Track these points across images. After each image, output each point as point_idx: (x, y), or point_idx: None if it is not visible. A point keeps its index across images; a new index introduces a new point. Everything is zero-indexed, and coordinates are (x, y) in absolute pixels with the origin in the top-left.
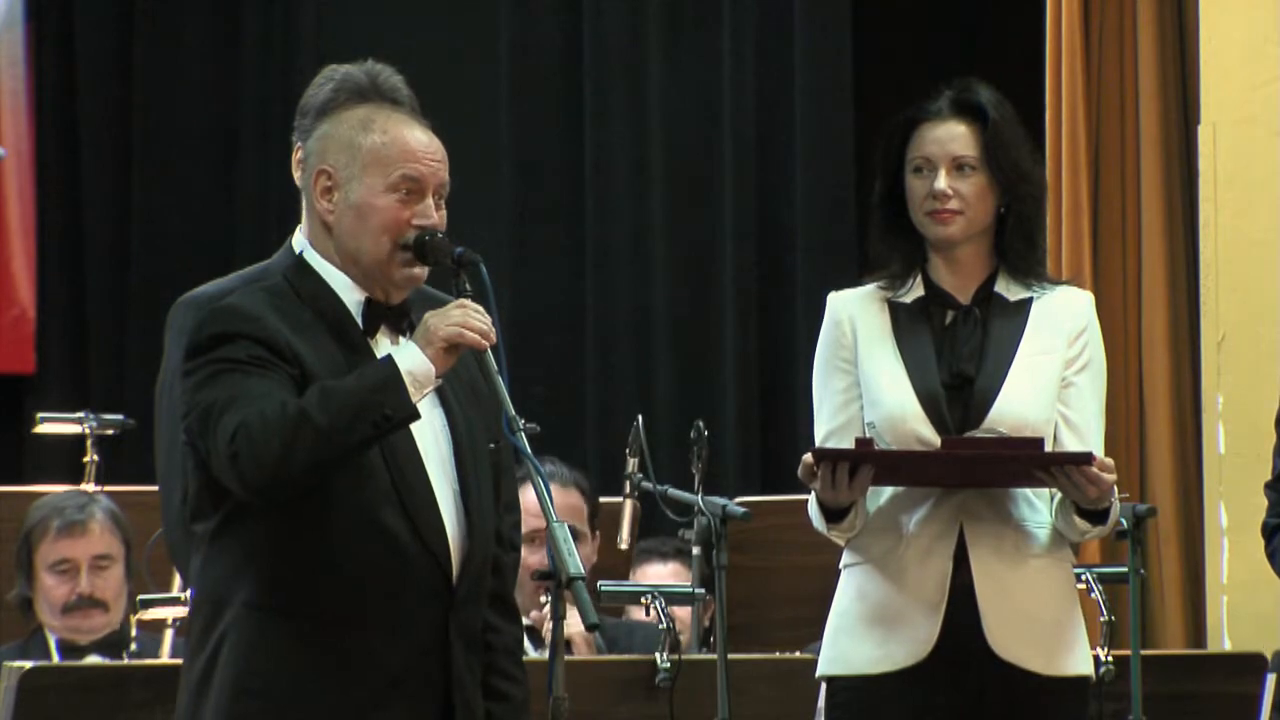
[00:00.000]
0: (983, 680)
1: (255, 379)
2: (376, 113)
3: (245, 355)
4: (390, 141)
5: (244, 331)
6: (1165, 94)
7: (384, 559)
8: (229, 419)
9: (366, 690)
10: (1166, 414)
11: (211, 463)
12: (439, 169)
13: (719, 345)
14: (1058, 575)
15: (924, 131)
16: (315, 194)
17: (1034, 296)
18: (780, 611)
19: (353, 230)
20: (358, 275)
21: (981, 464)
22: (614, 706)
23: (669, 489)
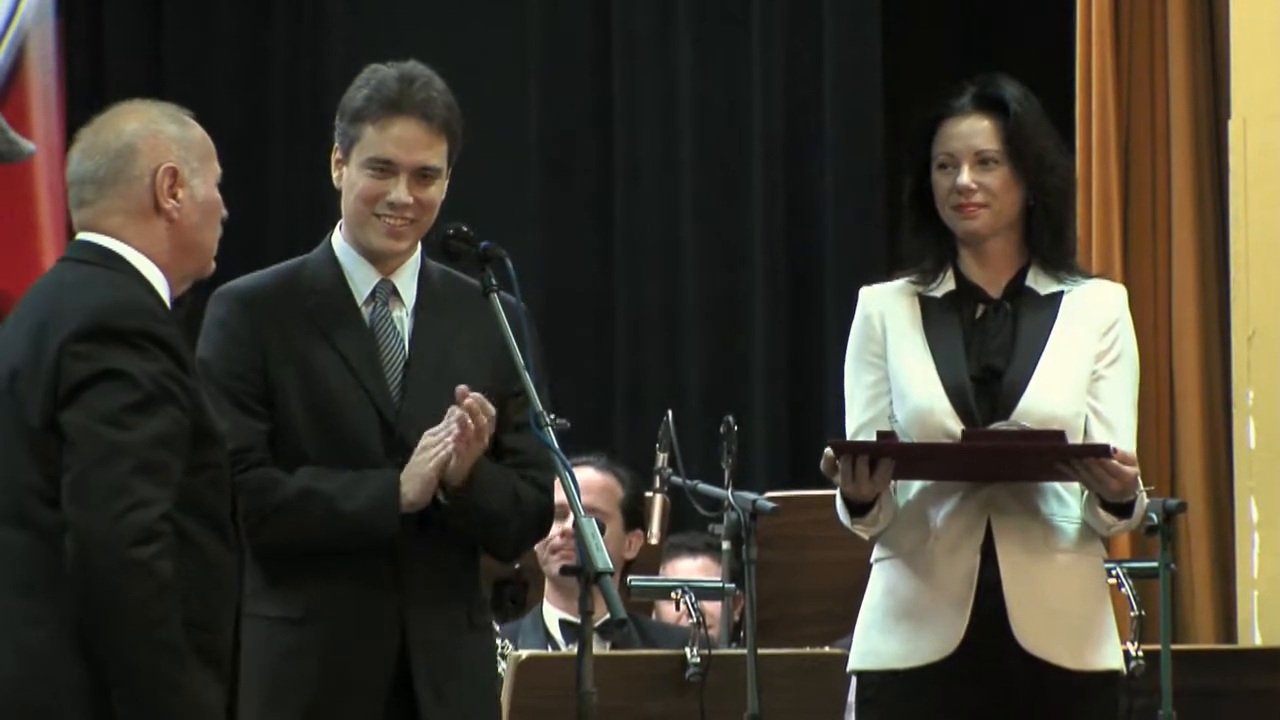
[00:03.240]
0: (1011, 675)
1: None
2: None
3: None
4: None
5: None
6: (1195, 88)
7: (227, 563)
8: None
9: (223, 684)
10: (1197, 409)
11: None
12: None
13: (748, 341)
14: (1087, 570)
15: (947, 127)
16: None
17: (1065, 290)
18: (809, 606)
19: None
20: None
21: (1001, 457)
22: (644, 701)
23: (699, 484)
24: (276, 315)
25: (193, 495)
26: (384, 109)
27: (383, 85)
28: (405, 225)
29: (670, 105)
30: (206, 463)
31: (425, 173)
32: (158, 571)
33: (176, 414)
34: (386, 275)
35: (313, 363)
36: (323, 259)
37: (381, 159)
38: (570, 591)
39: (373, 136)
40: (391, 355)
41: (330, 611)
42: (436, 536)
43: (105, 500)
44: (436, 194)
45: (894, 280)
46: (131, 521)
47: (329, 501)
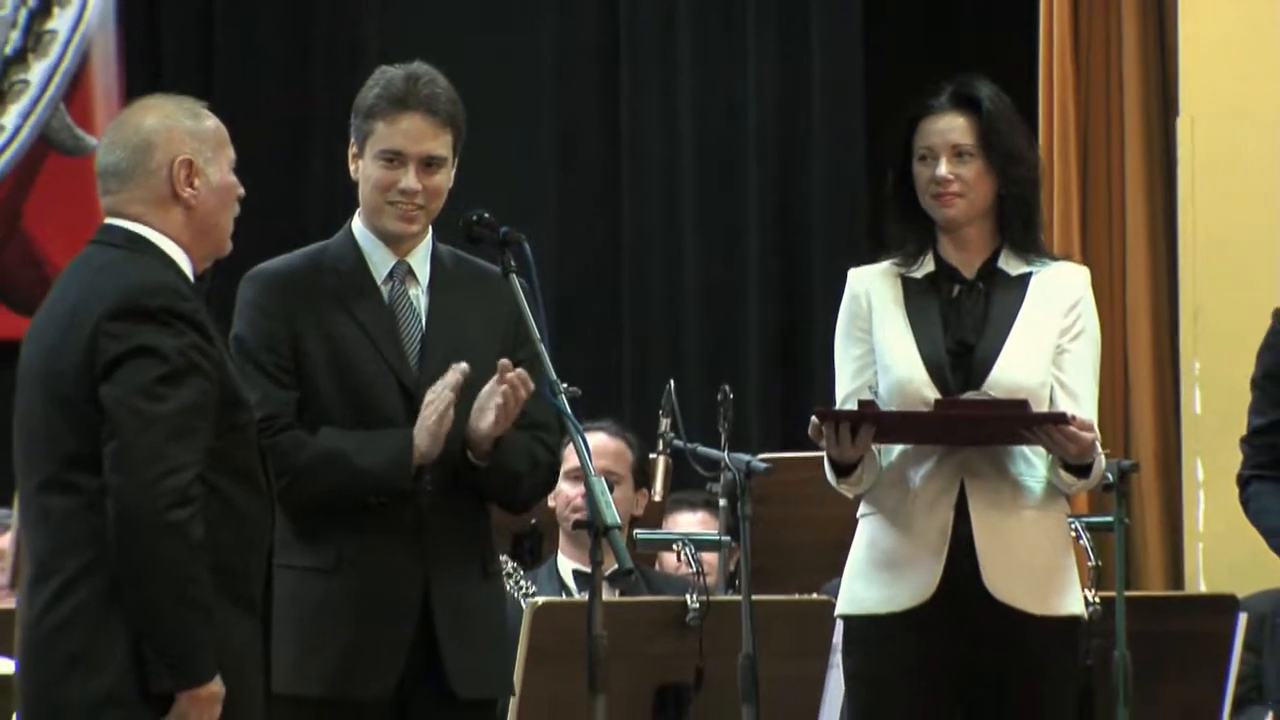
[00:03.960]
0: (982, 620)
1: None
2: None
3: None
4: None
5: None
6: (1147, 88)
7: (258, 514)
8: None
9: (251, 622)
10: (1148, 379)
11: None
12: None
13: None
14: (1051, 525)
15: (927, 124)
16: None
17: (1033, 271)
18: (798, 557)
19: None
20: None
21: (970, 423)
22: (648, 643)
23: (698, 446)
24: (303, 293)
25: (224, 455)
26: (392, 105)
27: (390, 84)
28: (416, 210)
29: (672, 105)
30: (235, 424)
31: (431, 162)
32: (190, 533)
33: (203, 384)
34: (402, 257)
35: (337, 336)
36: (344, 243)
37: (391, 150)
38: (582, 544)
39: (383, 131)
40: (409, 329)
41: (359, 562)
42: (454, 493)
43: (143, 467)
44: (443, 181)
45: (879, 262)
46: (167, 486)
47: (349, 459)
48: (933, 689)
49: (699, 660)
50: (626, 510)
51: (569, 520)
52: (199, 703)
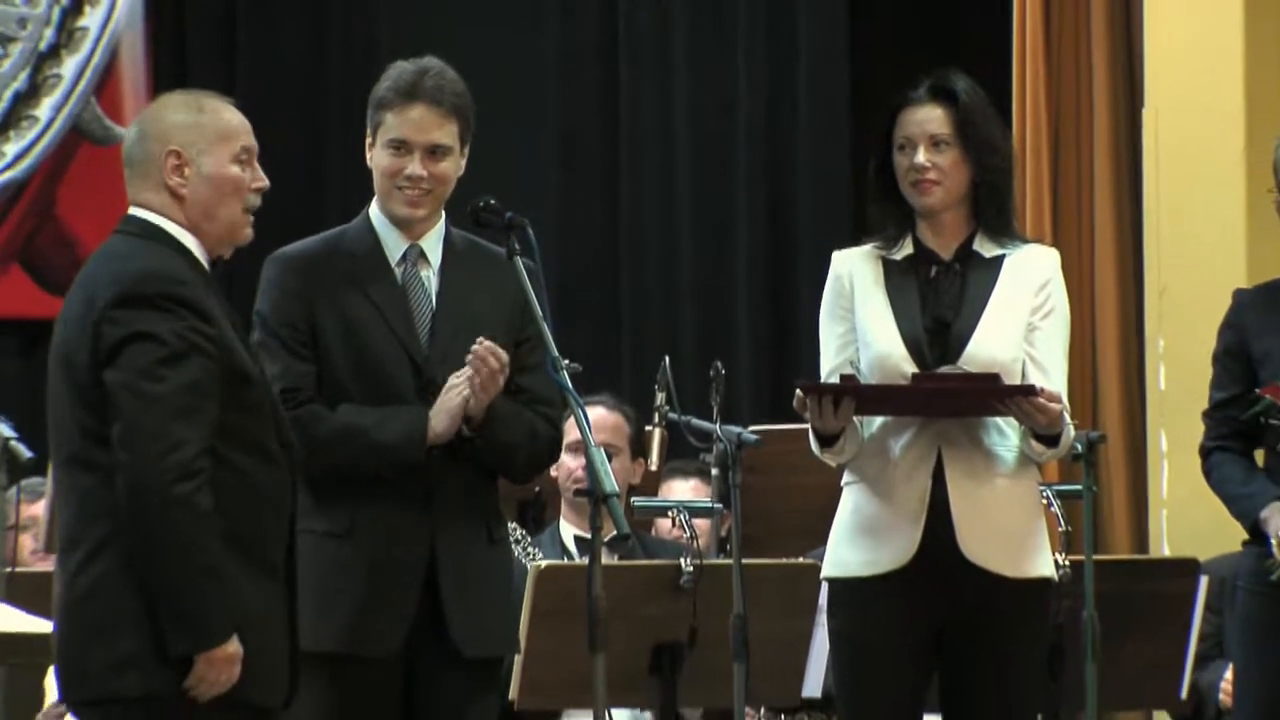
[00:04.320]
0: (958, 582)
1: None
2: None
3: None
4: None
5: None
6: (1115, 82)
7: (274, 482)
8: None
9: (273, 585)
10: (1115, 355)
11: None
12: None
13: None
14: (1023, 492)
15: (906, 115)
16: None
17: (1006, 253)
18: (786, 523)
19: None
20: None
21: (945, 396)
22: (645, 605)
23: (692, 419)
24: (321, 274)
25: (235, 428)
26: (400, 97)
27: (400, 77)
28: (422, 195)
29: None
30: (244, 400)
31: (436, 150)
32: (196, 505)
33: (203, 363)
34: (415, 240)
35: (352, 314)
36: (361, 227)
37: (399, 139)
38: (583, 511)
39: (392, 121)
40: (420, 308)
41: (370, 527)
42: (461, 464)
43: (148, 444)
44: (449, 168)
45: (861, 245)
46: (172, 462)
47: (366, 433)
48: (912, 646)
49: (693, 620)
50: (624, 479)
51: (570, 489)
52: (216, 663)
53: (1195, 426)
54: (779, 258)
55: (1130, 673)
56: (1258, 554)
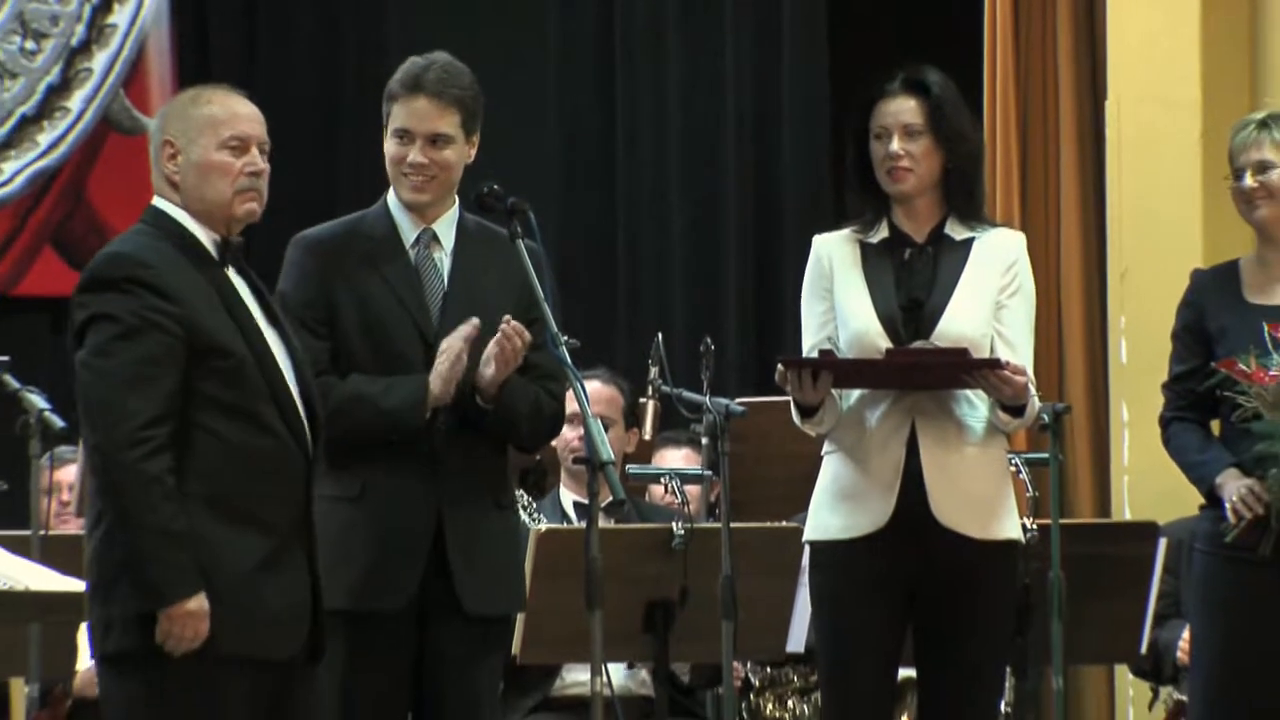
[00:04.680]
0: (931, 544)
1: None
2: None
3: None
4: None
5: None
6: (1079, 75)
7: (265, 446)
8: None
9: (264, 543)
10: (1079, 332)
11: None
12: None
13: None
14: (992, 460)
15: (881, 106)
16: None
17: (976, 236)
18: (771, 490)
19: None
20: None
21: (917, 369)
22: (640, 565)
23: (683, 392)
24: (339, 256)
25: (212, 397)
26: (405, 90)
27: (407, 72)
28: (425, 181)
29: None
30: (219, 371)
31: (437, 139)
32: (143, 471)
33: (160, 338)
34: (428, 224)
35: (366, 293)
36: (379, 212)
37: (402, 129)
38: (581, 478)
39: (397, 111)
40: (432, 287)
41: (380, 492)
42: (469, 433)
43: (99, 416)
44: (451, 156)
45: (840, 229)
46: (121, 431)
47: (373, 401)
48: (887, 604)
49: (683, 580)
50: (619, 448)
51: (568, 458)
52: (177, 620)
53: (1155, 398)
54: (764, 242)
55: (1093, 630)
56: (1213, 518)
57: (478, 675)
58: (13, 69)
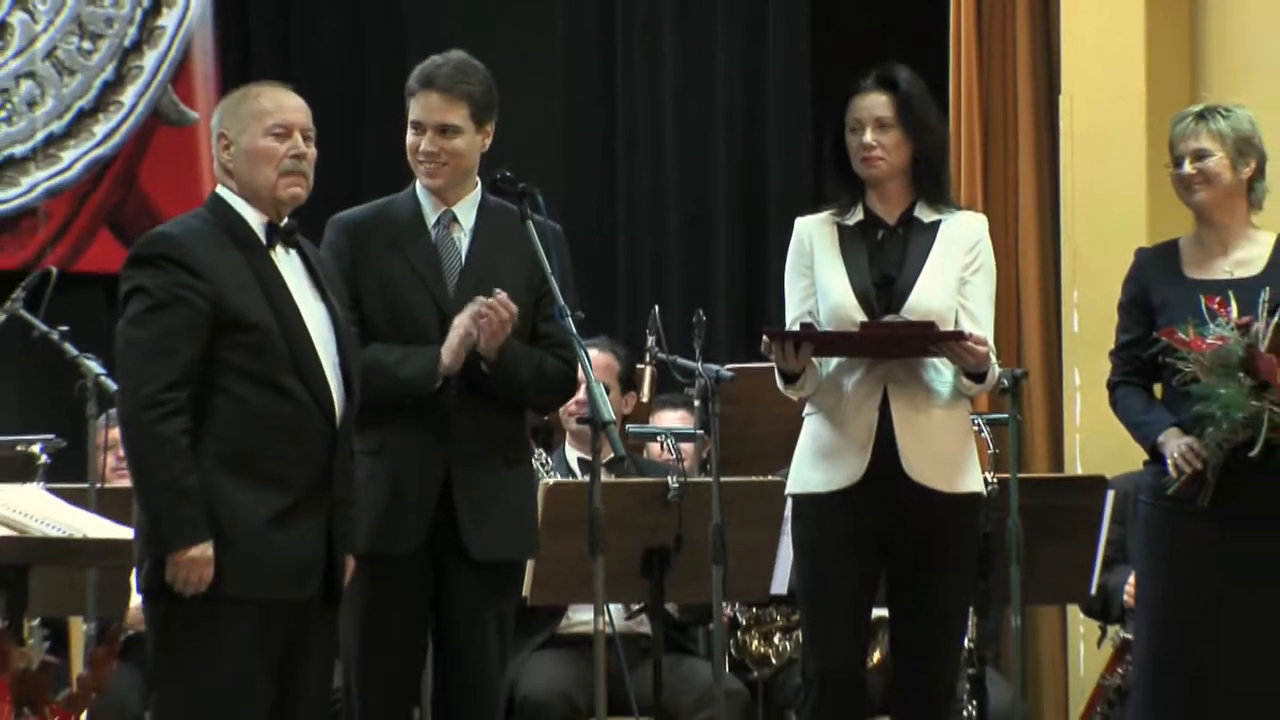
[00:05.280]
0: (901, 497)
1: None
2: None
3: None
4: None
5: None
6: (1036, 72)
7: (287, 412)
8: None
9: (280, 499)
10: (1036, 305)
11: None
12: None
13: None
14: (957, 421)
15: (856, 101)
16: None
17: (942, 219)
18: (757, 447)
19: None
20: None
21: (889, 340)
22: (638, 515)
23: (677, 359)
24: (366, 236)
25: (235, 365)
26: (419, 85)
27: (423, 69)
28: (436, 167)
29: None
30: (238, 340)
31: (445, 129)
32: (157, 431)
33: (185, 311)
34: (449, 206)
35: (388, 270)
36: (406, 196)
37: (415, 120)
38: (584, 437)
39: (413, 105)
40: (450, 264)
41: (396, 447)
42: (480, 397)
43: (124, 380)
44: (461, 145)
45: (819, 213)
46: (141, 394)
47: (390, 369)
48: (862, 551)
49: (678, 529)
50: (617, 410)
51: (571, 419)
52: (182, 565)
53: (1104, 365)
54: (751, 223)
55: (1047, 573)
56: (1156, 472)
57: (487, 616)
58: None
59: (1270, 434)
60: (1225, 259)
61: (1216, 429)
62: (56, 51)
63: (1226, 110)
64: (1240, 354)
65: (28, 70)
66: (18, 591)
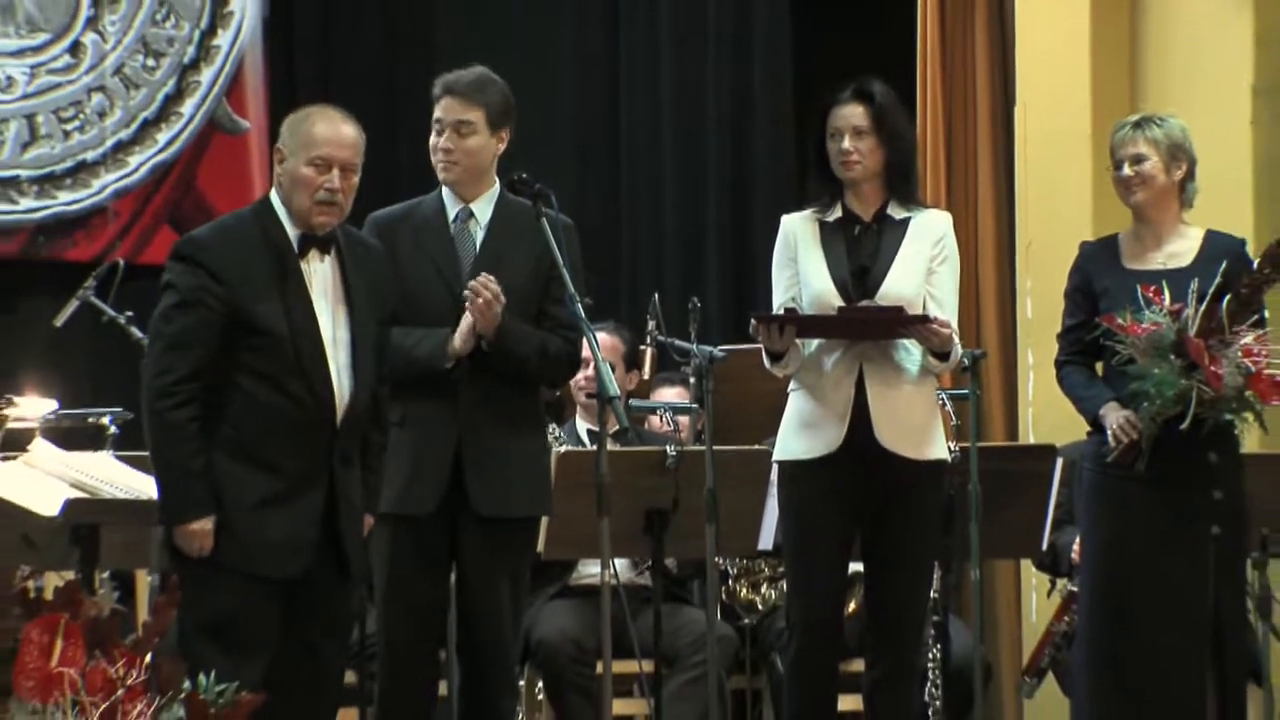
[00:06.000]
0: (875, 463)
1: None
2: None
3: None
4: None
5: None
6: (993, 85)
7: (286, 410)
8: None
9: (272, 485)
10: (993, 292)
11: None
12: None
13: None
14: (924, 396)
15: (835, 111)
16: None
17: (912, 216)
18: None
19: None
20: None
21: (864, 323)
22: (639, 480)
23: (675, 340)
24: (394, 230)
25: (247, 363)
26: (442, 90)
27: (445, 77)
28: (451, 163)
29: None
30: (251, 342)
31: (461, 128)
32: (169, 417)
33: (203, 313)
34: (467, 203)
35: (409, 260)
36: (433, 196)
37: (436, 120)
38: (592, 410)
39: (436, 109)
40: (465, 255)
41: (415, 418)
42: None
43: (147, 367)
44: (474, 143)
45: (802, 210)
46: (157, 384)
47: (408, 351)
48: (840, 511)
49: (675, 492)
50: (622, 386)
51: (581, 394)
52: (184, 535)
53: (1053, 346)
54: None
55: (1004, 532)
56: (1098, 442)
57: (500, 570)
58: (137, 81)
59: (1198, 409)
60: (1159, 252)
61: (1151, 404)
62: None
63: (1161, 119)
64: (1172, 338)
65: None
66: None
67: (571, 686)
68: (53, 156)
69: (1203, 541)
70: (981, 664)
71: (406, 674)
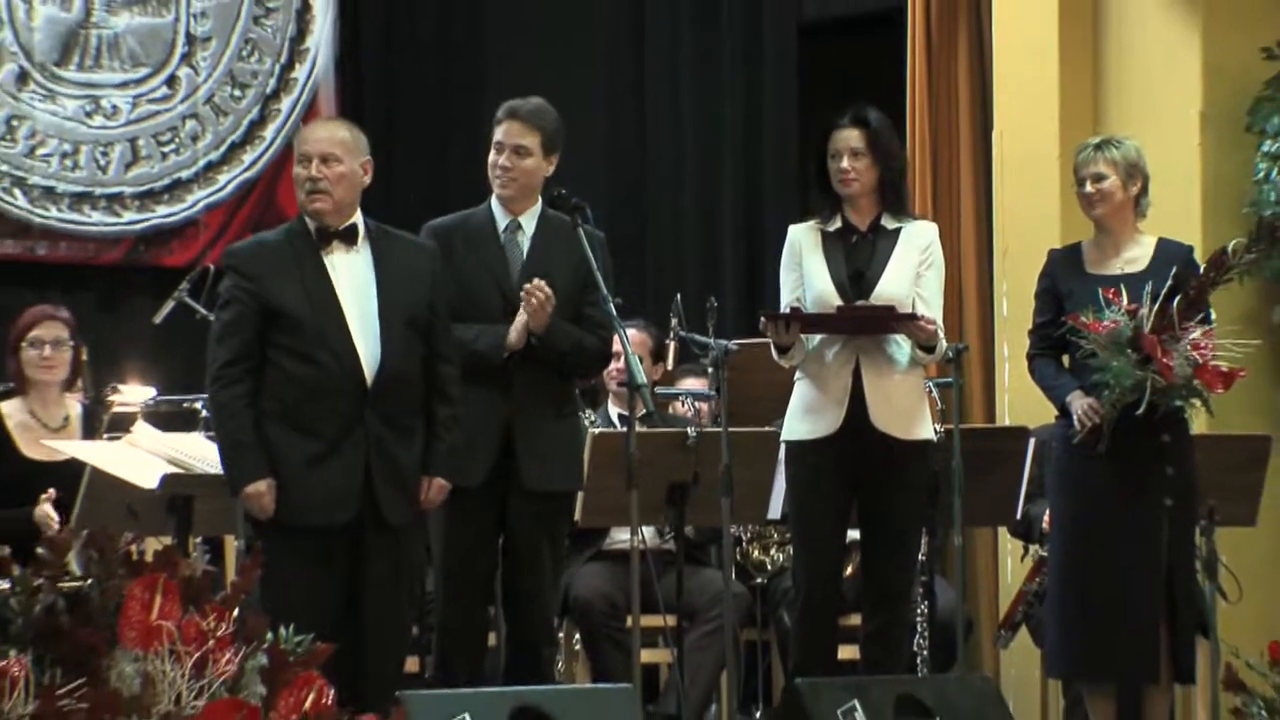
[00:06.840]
0: (870, 443)
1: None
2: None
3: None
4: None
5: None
6: (974, 111)
7: (317, 378)
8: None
9: (315, 446)
10: (974, 293)
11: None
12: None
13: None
14: (914, 384)
15: (835, 134)
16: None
17: (903, 226)
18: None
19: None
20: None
21: (860, 321)
22: (665, 456)
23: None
24: (450, 238)
25: (278, 341)
26: (505, 115)
27: (509, 104)
28: (508, 180)
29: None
30: (281, 326)
31: (519, 150)
32: (218, 399)
33: (239, 308)
34: (515, 216)
35: (463, 264)
36: (483, 208)
37: (497, 141)
38: (623, 397)
39: (497, 130)
40: (514, 260)
41: (472, 400)
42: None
43: (207, 358)
44: (529, 165)
45: (806, 222)
46: (210, 373)
47: (469, 344)
48: (839, 485)
49: (695, 468)
50: (649, 376)
51: (613, 382)
52: (248, 499)
53: (1025, 341)
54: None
55: (982, 503)
56: (1065, 425)
57: (541, 537)
58: (225, 109)
59: (1153, 396)
60: (1118, 258)
61: (1111, 392)
62: (214, 98)
63: (1119, 141)
64: (1129, 334)
65: (192, 113)
66: (184, 516)
67: (605, 638)
68: (152, 175)
69: (1157, 512)
70: (963, 619)
71: (460, 627)
